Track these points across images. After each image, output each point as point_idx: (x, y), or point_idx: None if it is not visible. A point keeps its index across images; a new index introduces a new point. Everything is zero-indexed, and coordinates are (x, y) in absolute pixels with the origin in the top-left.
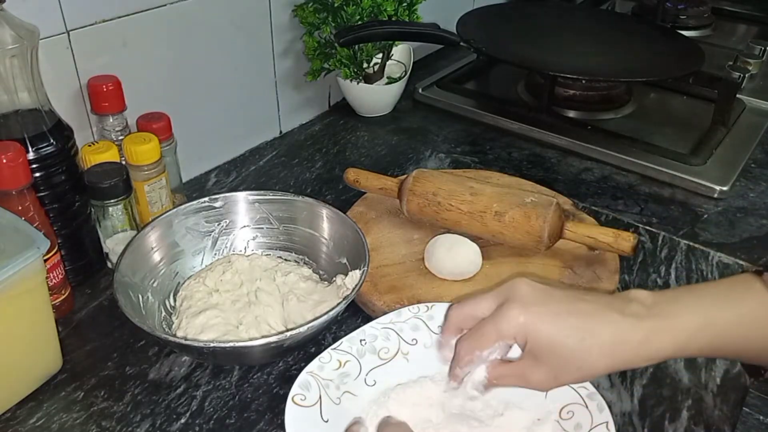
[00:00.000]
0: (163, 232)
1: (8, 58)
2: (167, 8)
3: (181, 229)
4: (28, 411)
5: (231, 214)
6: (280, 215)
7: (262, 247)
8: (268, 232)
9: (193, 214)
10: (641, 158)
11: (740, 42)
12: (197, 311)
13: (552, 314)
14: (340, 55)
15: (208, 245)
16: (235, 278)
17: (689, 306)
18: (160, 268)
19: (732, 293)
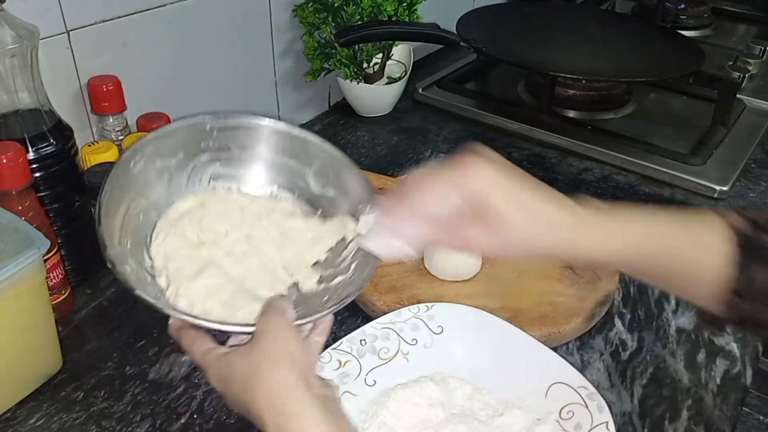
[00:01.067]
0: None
1: (8, 58)
2: (167, 8)
3: (137, 168)
4: (28, 411)
5: (183, 146)
6: (241, 142)
7: (225, 180)
8: (228, 162)
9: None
10: (641, 158)
11: (740, 42)
12: (192, 273)
13: (509, 183)
14: (340, 55)
15: (164, 183)
16: (218, 226)
17: (641, 217)
18: (127, 221)
19: (687, 217)
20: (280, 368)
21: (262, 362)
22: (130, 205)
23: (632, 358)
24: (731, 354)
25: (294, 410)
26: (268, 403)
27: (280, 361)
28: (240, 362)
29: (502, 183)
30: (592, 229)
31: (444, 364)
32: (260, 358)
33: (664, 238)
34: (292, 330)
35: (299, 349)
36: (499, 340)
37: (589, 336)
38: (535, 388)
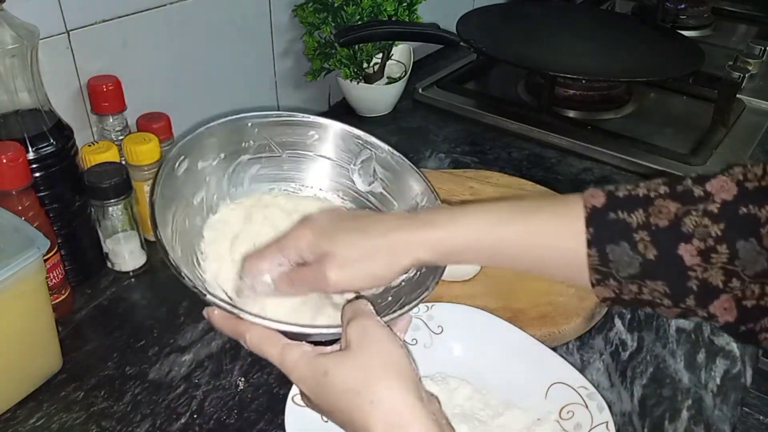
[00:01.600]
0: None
1: (8, 58)
2: (167, 8)
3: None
4: (28, 411)
5: (224, 146)
6: (283, 140)
7: (266, 181)
8: (269, 162)
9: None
10: (641, 158)
11: (740, 42)
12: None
13: (335, 228)
14: (340, 55)
15: (206, 186)
16: (265, 228)
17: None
18: (175, 227)
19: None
20: (394, 386)
21: (371, 377)
22: (176, 210)
23: (632, 358)
24: (731, 354)
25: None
26: (386, 424)
27: (391, 376)
28: (342, 371)
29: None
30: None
31: (444, 364)
32: (368, 370)
33: (512, 228)
34: (393, 337)
35: (405, 357)
36: (499, 340)
37: (589, 336)
38: (535, 388)
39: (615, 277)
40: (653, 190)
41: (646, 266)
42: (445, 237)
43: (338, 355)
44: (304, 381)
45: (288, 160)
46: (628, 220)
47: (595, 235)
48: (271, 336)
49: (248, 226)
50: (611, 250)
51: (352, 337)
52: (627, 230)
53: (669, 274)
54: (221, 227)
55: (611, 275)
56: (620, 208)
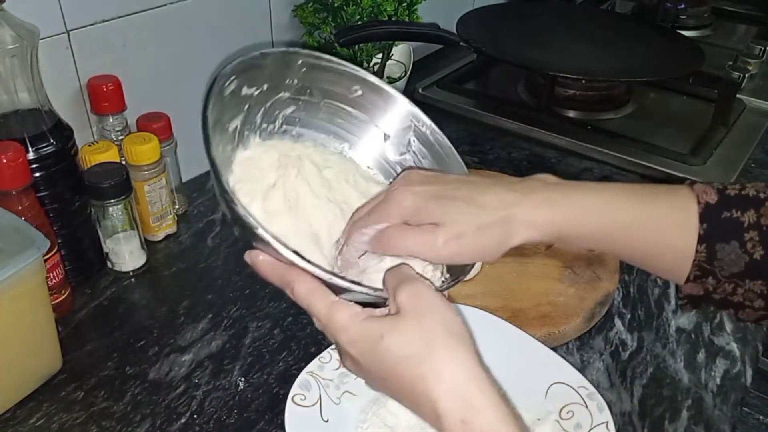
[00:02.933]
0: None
1: (8, 58)
2: (167, 8)
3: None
4: (28, 411)
5: (270, 77)
6: (325, 87)
7: (299, 125)
8: (305, 106)
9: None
10: (641, 158)
11: (740, 42)
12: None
13: (442, 196)
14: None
15: (243, 114)
16: (300, 188)
17: (594, 189)
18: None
19: (653, 191)
20: (457, 354)
21: (432, 344)
22: (215, 134)
23: (632, 358)
24: (731, 354)
25: (480, 407)
26: (450, 395)
27: (452, 343)
28: (399, 337)
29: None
30: (532, 207)
31: None
32: (428, 336)
33: (620, 212)
34: (447, 302)
35: (463, 324)
36: (499, 340)
37: (589, 336)
38: (535, 388)
39: (715, 275)
40: (762, 192)
41: (750, 266)
42: (560, 218)
43: (393, 319)
44: (353, 344)
45: (324, 110)
46: (741, 219)
47: (707, 232)
48: (320, 289)
49: (282, 179)
50: (721, 248)
51: (404, 302)
52: (739, 229)
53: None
54: (252, 167)
55: (713, 273)
56: (734, 206)
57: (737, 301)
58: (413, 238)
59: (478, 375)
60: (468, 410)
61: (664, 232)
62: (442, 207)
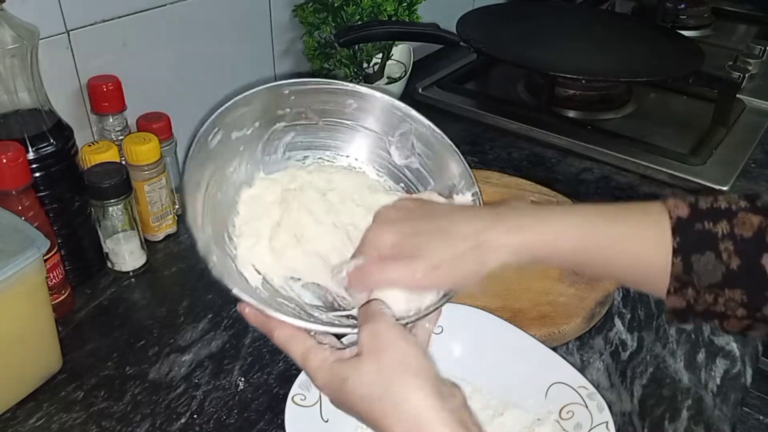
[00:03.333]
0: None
1: (8, 58)
2: (167, 8)
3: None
4: (28, 411)
5: (260, 114)
6: (319, 107)
7: (301, 149)
8: (305, 130)
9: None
10: (641, 158)
11: (740, 42)
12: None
13: (416, 231)
14: (340, 55)
15: (239, 155)
16: (303, 219)
17: (564, 212)
18: (207, 201)
19: (624, 211)
20: (410, 389)
21: (387, 381)
22: (209, 183)
23: (632, 358)
24: (731, 354)
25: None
26: (404, 429)
27: (407, 376)
28: (359, 378)
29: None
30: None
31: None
32: (384, 376)
33: (592, 233)
34: (405, 335)
35: (421, 355)
36: (499, 340)
37: (589, 336)
38: (535, 388)
39: (695, 287)
40: (734, 203)
41: (728, 276)
42: (533, 242)
43: (355, 361)
44: (325, 387)
45: (324, 128)
46: (714, 230)
47: (681, 244)
48: (297, 336)
49: (286, 214)
50: (696, 259)
51: (364, 342)
52: (713, 240)
53: (750, 282)
54: (256, 205)
55: (691, 284)
56: (705, 219)
57: (720, 311)
58: (391, 272)
59: (432, 405)
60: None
61: (638, 248)
62: (417, 241)
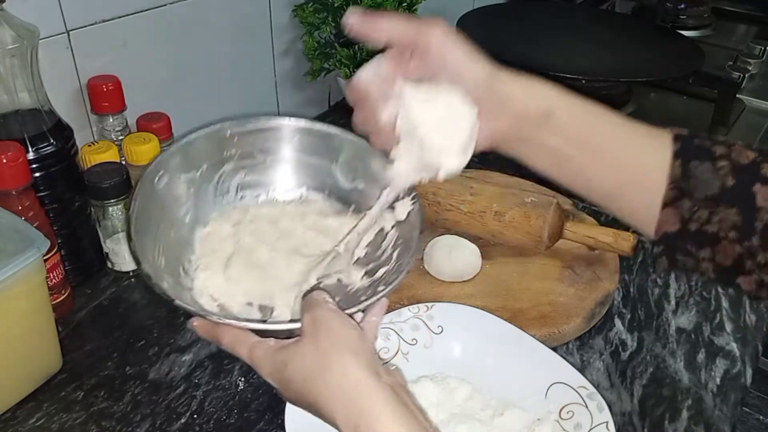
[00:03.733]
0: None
1: (8, 58)
2: (167, 8)
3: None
4: (28, 411)
5: (206, 157)
6: (264, 146)
7: (252, 188)
8: (253, 169)
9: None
10: None
11: (740, 42)
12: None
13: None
14: (340, 55)
15: (192, 197)
16: (255, 247)
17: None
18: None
19: (630, 121)
20: (347, 364)
21: (324, 360)
22: (160, 223)
23: (632, 358)
24: (731, 354)
25: (370, 409)
26: (341, 403)
27: (344, 355)
28: (299, 361)
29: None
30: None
31: (444, 364)
32: (321, 355)
33: (606, 130)
34: (343, 318)
35: (358, 336)
36: (499, 340)
37: (589, 336)
38: (535, 388)
39: (691, 196)
40: (731, 143)
41: (723, 191)
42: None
43: (294, 346)
44: (270, 375)
45: (271, 165)
46: (713, 149)
47: (681, 149)
48: (241, 336)
49: (240, 245)
50: (695, 166)
51: (305, 328)
52: (710, 155)
53: (743, 204)
54: (211, 241)
55: (687, 194)
56: (705, 140)
57: (713, 232)
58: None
59: (372, 380)
60: (361, 417)
61: (639, 149)
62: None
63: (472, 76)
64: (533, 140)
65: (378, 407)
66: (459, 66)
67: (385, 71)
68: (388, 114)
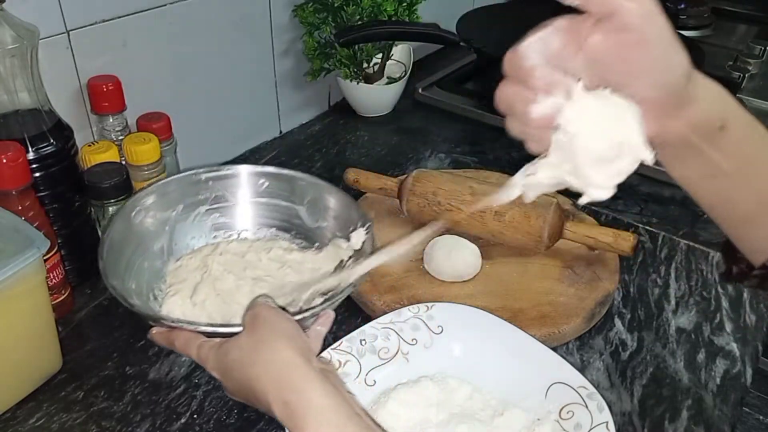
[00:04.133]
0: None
1: (8, 58)
2: (167, 8)
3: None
4: (28, 411)
5: (182, 198)
6: (236, 190)
7: (225, 229)
8: (224, 211)
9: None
10: None
11: (740, 42)
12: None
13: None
14: (340, 55)
15: (167, 234)
16: (224, 278)
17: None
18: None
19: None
20: (279, 347)
21: (259, 344)
22: (133, 253)
23: (632, 358)
24: (731, 354)
25: (299, 385)
26: (272, 381)
27: (277, 340)
28: (237, 349)
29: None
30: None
31: (444, 364)
32: (256, 340)
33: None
34: (281, 313)
35: (294, 329)
36: (499, 340)
37: (589, 336)
38: (535, 388)
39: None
40: None
41: None
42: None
43: (234, 338)
44: (215, 369)
45: (242, 207)
46: None
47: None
48: (191, 339)
49: (207, 274)
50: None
51: (245, 322)
52: None
53: None
54: (181, 272)
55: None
56: None
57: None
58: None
59: (300, 363)
60: (291, 392)
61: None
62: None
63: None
64: (695, 149)
65: (307, 383)
66: (659, 56)
67: (555, 48)
68: (545, 112)
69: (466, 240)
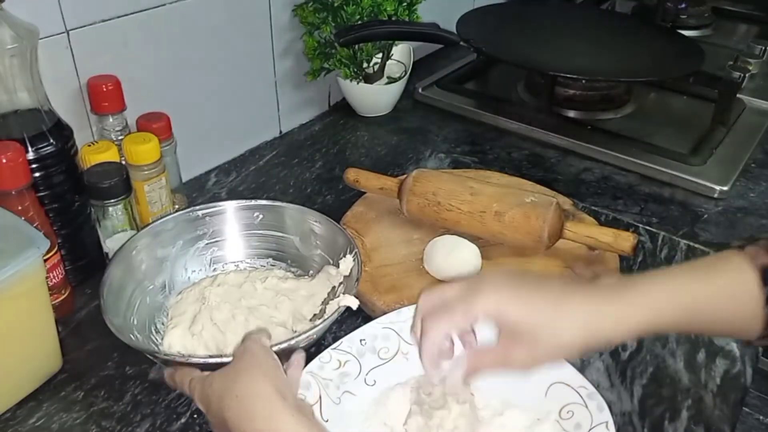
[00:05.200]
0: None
1: (8, 58)
2: (167, 8)
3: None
4: (28, 411)
5: (181, 235)
6: (233, 225)
7: (224, 261)
8: (222, 244)
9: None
10: (641, 158)
11: (740, 42)
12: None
13: (522, 296)
14: (340, 55)
15: (168, 269)
16: (223, 308)
17: (660, 282)
18: (133, 301)
19: (709, 269)
20: (255, 380)
21: (237, 377)
22: (135, 289)
23: (632, 358)
24: (731, 354)
25: (272, 416)
26: (246, 412)
27: (255, 374)
28: (218, 380)
29: (513, 299)
30: (616, 308)
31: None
32: (237, 370)
33: (690, 299)
34: (266, 350)
35: (274, 365)
36: None
37: None
38: (535, 388)
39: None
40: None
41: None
42: (636, 314)
43: (220, 370)
44: (200, 401)
45: (240, 240)
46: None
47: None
48: (186, 372)
49: (205, 305)
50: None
51: (234, 354)
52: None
53: None
54: (181, 305)
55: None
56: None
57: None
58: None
59: (274, 398)
60: (262, 422)
61: (732, 305)
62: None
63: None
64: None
65: (279, 414)
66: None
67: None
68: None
69: (466, 240)
